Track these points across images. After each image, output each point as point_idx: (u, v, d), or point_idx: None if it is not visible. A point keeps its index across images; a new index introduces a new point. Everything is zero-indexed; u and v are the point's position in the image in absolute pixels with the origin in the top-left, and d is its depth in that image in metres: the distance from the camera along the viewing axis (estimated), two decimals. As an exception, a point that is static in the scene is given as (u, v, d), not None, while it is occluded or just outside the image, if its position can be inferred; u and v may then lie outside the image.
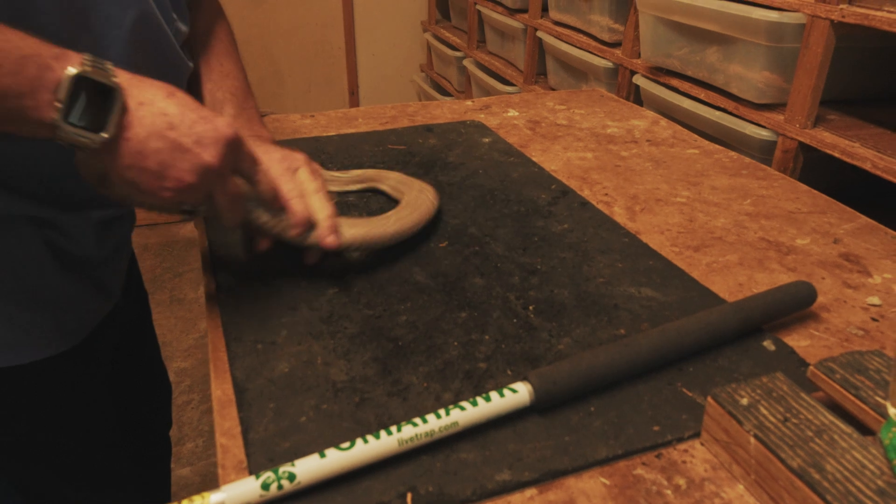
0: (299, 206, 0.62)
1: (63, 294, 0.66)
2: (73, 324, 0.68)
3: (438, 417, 0.46)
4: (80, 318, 0.69)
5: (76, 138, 0.47)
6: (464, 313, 0.61)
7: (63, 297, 0.66)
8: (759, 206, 0.83)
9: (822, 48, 0.88)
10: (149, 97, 0.50)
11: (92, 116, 0.48)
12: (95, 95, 0.48)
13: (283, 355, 0.56)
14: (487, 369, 0.55)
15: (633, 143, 1.03)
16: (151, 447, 0.94)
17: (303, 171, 0.65)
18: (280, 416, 0.50)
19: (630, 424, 0.49)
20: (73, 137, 0.47)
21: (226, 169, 0.54)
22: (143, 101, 0.50)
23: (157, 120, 0.50)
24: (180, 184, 0.51)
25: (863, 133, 0.91)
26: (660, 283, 0.66)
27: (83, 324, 0.69)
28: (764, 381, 0.47)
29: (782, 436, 0.43)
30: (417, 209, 0.73)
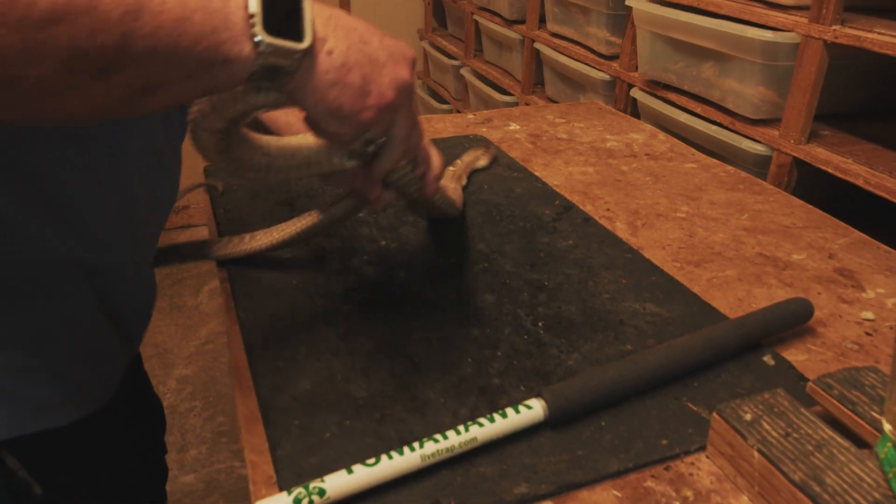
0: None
1: (106, 346, 0.63)
2: (110, 376, 0.65)
3: (458, 433, 0.49)
4: (115, 369, 0.66)
5: (280, 53, 0.43)
6: (476, 330, 0.64)
7: (104, 348, 0.63)
8: (756, 221, 0.86)
9: (815, 67, 0.91)
10: (335, 12, 0.48)
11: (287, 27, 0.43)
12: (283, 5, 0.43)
13: (305, 372, 0.58)
14: (501, 385, 0.57)
15: (633, 158, 1.06)
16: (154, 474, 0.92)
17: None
18: (305, 432, 0.52)
19: (639, 438, 0.52)
20: (277, 53, 0.43)
21: (413, 89, 0.52)
22: (332, 14, 0.47)
23: (350, 34, 0.47)
24: (382, 100, 0.48)
25: (855, 149, 0.94)
26: (663, 299, 0.69)
27: (116, 375, 0.66)
28: (766, 397, 0.50)
29: (784, 450, 0.45)
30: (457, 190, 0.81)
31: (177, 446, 1.67)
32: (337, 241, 0.79)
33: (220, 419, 1.76)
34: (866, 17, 0.91)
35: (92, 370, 0.61)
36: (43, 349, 0.57)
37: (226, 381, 1.89)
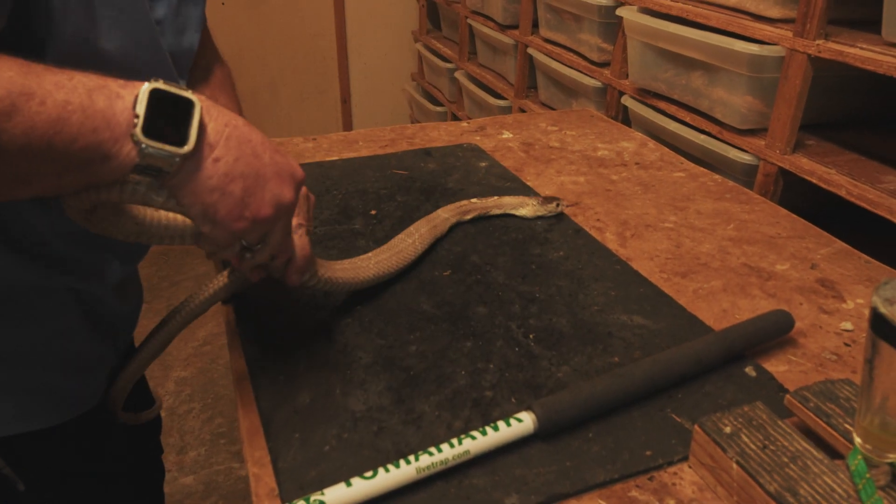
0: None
1: (92, 356, 0.67)
2: (96, 383, 0.69)
3: (452, 446, 0.51)
4: (102, 376, 0.69)
5: (159, 156, 0.44)
6: (469, 342, 0.66)
7: (92, 359, 0.67)
8: (742, 231, 0.88)
9: (800, 80, 0.93)
10: (231, 119, 0.49)
11: (172, 131, 0.45)
12: (172, 111, 0.45)
13: (304, 385, 0.60)
14: (493, 397, 0.59)
15: (623, 167, 1.08)
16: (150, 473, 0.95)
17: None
18: (305, 445, 0.54)
19: (625, 449, 0.54)
20: (155, 156, 0.44)
21: (293, 208, 0.53)
22: (228, 122, 0.48)
23: (243, 145, 0.49)
24: (258, 214, 0.50)
25: (839, 159, 0.96)
26: (650, 311, 0.71)
27: (101, 382, 0.70)
28: (745, 409, 0.52)
29: (761, 462, 0.48)
30: (398, 254, 0.75)
31: (176, 448, 1.69)
32: (334, 253, 0.82)
33: (219, 420, 1.78)
34: (849, 31, 0.94)
35: (75, 379, 0.65)
36: (26, 362, 0.61)
37: (224, 382, 1.91)
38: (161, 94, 0.44)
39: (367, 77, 2.83)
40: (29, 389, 0.62)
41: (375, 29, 2.76)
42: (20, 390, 0.61)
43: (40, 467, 0.66)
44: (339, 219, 0.90)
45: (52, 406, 0.64)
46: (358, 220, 0.90)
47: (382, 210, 0.92)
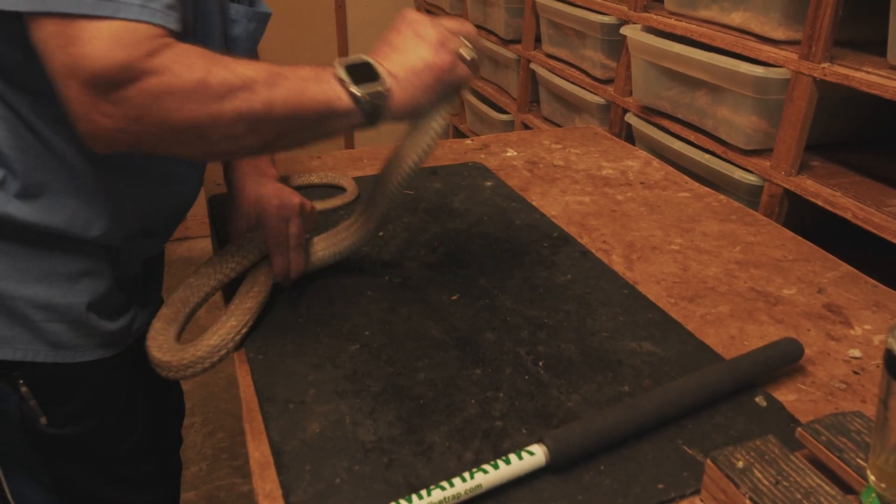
0: (280, 262, 0.76)
1: (117, 302, 0.75)
2: (123, 330, 0.77)
3: (464, 481, 0.51)
4: (129, 324, 0.78)
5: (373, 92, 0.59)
6: (478, 370, 0.66)
7: (117, 305, 0.76)
8: (748, 254, 0.88)
9: (805, 102, 0.94)
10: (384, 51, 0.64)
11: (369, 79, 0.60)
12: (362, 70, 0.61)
13: (314, 415, 0.60)
14: (503, 427, 0.59)
15: (628, 186, 1.08)
16: (169, 462, 1.00)
17: (292, 223, 0.76)
18: (317, 478, 0.54)
19: (637, 482, 0.54)
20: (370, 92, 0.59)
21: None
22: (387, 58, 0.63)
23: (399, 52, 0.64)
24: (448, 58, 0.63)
25: (844, 181, 0.96)
26: (659, 338, 0.71)
27: (131, 330, 0.78)
28: (758, 444, 0.52)
29: (774, 498, 0.48)
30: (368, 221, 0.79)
31: (177, 463, 1.68)
32: (343, 276, 0.82)
33: (220, 435, 1.77)
34: (855, 54, 0.94)
35: (108, 320, 0.74)
36: (66, 293, 0.69)
37: (225, 396, 1.90)
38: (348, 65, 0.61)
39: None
40: (60, 318, 0.70)
41: (376, 40, 2.76)
42: (52, 318, 0.69)
43: (60, 403, 0.74)
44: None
45: (81, 340, 0.72)
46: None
47: (389, 231, 0.92)
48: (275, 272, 0.76)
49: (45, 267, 0.69)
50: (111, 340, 0.75)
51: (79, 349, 0.73)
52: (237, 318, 0.70)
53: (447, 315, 0.75)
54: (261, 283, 0.74)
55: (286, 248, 0.76)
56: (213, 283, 0.76)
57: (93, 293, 0.72)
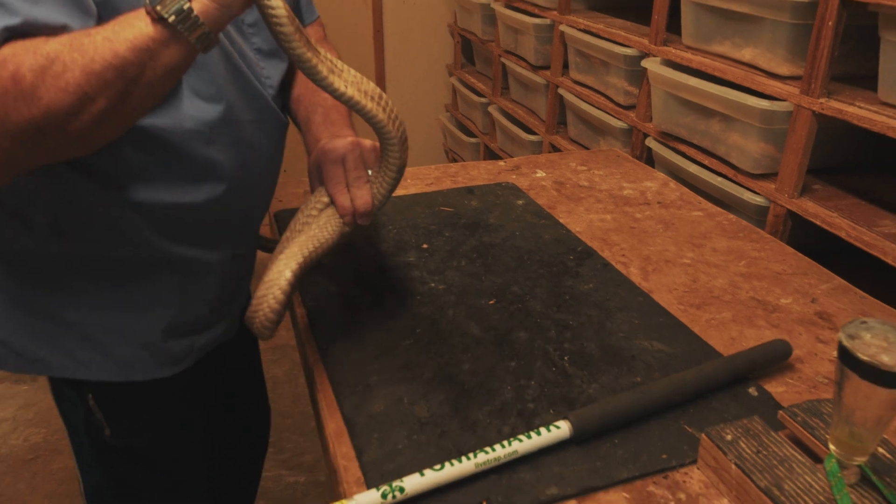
0: (340, 200, 0.76)
1: (189, 324, 0.82)
2: (186, 348, 0.83)
3: (503, 447, 0.63)
4: (192, 343, 0.84)
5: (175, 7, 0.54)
6: (513, 362, 0.78)
7: (189, 326, 0.82)
8: (752, 268, 1.00)
9: (805, 132, 1.05)
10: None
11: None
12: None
13: (378, 396, 0.73)
14: (535, 409, 0.71)
15: (646, 205, 1.20)
16: (237, 480, 1.08)
17: (347, 159, 0.77)
18: (383, 443, 0.66)
19: (644, 453, 0.65)
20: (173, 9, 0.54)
21: None
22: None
23: None
24: None
25: (841, 203, 1.07)
26: (668, 338, 0.83)
27: (193, 349, 0.85)
28: (745, 422, 0.64)
29: (755, 463, 0.59)
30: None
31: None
32: (393, 281, 0.94)
33: (266, 431, 1.91)
34: (850, 89, 1.05)
35: (174, 340, 0.80)
36: (139, 319, 0.77)
37: (272, 395, 2.04)
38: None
39: (403, 107, 2.99)
40: (129, 342, 0.77)
41: (411, 62, 2.91)
42: (121, 341, 0.76)
43: (126, 417, 0.81)
44: (395, 252, 1.03)
45: (148, 361, 0.79)
46: (411, 252, 1.03)
47: (433, 244, 1.05)
48: (339, 214, 0.76)
49: (116, 296, 0.76)
50: (174, 359, 0.82)
51: (147, 369, 0.79)
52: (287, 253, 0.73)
53: (485, 317, 0.87)
54: (319, 222, 0.76)
55: (343, 186, 0.76)
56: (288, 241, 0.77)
57: (166, 320, 0.78)
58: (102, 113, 0.56)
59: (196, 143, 0.74)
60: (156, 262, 0.78)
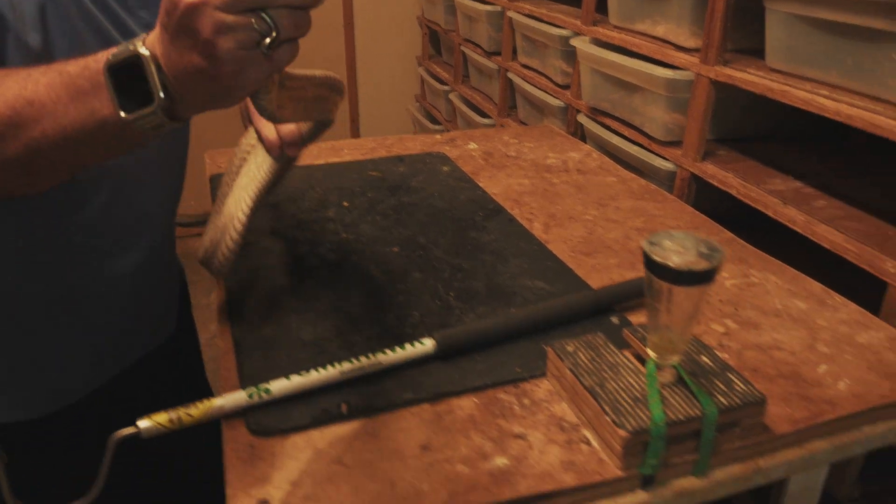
0: (265, 132, 0.75)
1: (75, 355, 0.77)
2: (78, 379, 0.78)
3: (368, 358, 0.69)
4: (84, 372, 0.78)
5: (145, 116, 0.50)
6: (402, 297, 0.85)
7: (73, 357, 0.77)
8: (649, 224, 1.06)
9: (704, 98, 1.11)
10: (154, 35, 0.50)
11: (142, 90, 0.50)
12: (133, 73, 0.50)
13: (269, 323, 0.79)
14: (412, 334, 0.78)
15: (565, 172, 1.26)
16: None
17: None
18: (264, 360, 0.73)
19: (501, 367, 0.72)
20: (142, 116, 0.50)
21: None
22: (153, 38, 0.50)
23: (162, 40, 0.49)
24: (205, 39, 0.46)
25: (739, 166, 1.14)
26: (551, 278, 0.89)
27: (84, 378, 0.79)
28: (588, 337, 0.70)
29: (587, 369, 0.65)
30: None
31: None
32: (308, 233, 1.01)
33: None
34: (747, 59, 1.11)
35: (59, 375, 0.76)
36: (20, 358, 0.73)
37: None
38: (117, 65, 0.50)
39: (375, 98, 3.06)
40: (20, 384, 0.73)
41: (382, 54, 2.98)
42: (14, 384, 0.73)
43: (25, 452, 0.75)
44: (316, 208, 1.09)
45: (38, 398, 0.75)
46: (332, 209, 1.09)
47: (353, 202, 1.12)
48: (266, 148, 0.76)
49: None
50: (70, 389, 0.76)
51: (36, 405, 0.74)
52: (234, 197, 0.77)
53: (386, 262, 0.93)
54: (256, 160, 0.78)
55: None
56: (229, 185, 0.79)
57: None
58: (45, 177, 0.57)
59: None
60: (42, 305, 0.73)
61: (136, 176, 0.76)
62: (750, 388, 0.62)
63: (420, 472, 0.59)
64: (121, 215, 0.76)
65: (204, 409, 0.63)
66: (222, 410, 0.64)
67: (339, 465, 0.60)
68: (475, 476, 0.59)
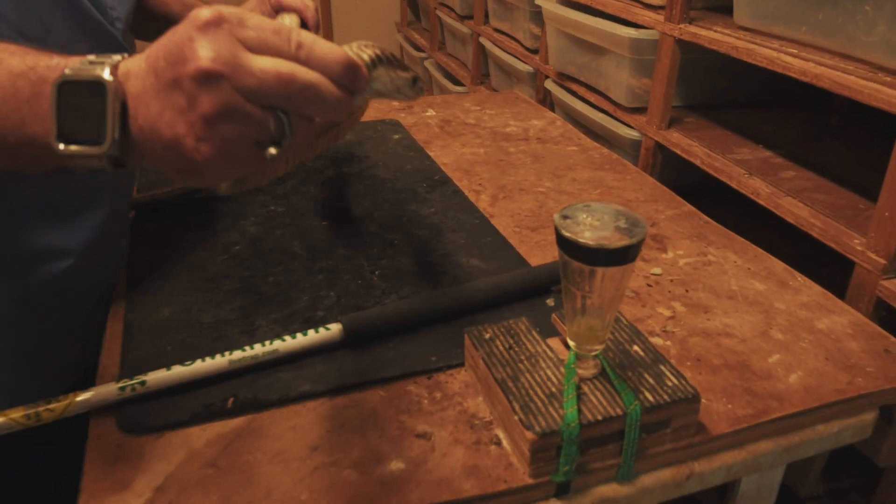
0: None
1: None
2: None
3: (263, 346, 0.62)
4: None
5: (77, 162, 0.41)
6: (321, 276, 0.77)
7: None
8: (605, 196, 0.98)
9: (669, 59, 1.03)
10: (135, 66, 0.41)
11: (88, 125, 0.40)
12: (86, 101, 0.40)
13: (168, 304, 0.72)
14: (324, 316, 0.70)
15: (524, 141, 1.18)
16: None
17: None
18: (153, 345, 0.65)
19: (415, 355, 0.64)
20: (77, 161, 0.41)
21: (233, 57, 0.38)
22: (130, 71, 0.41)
23: (144, 81, 0.40)
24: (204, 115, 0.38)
25: (706, 134, 1.05)
26: (488, 255, 0.81)
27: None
28: (510, 322, 0.63)
29: (501, 359, 0.58)
30: None
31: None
32: (234, 205, 0.93)
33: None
34: (714, 16, 1.03)
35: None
36: None
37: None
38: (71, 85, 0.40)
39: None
40: None
41: (360, 21, 2.87)
42: None
43: None
44: (248, 179, 1.01)
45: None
46: (265, 180, 1.01)
47: (289, 172, 1.03)
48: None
49: None
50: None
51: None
52: None
53: (311, 236, 0.86)
54: None
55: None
56: None
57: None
58: None
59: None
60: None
61: None
62: (682, 383, 0.55)
63: (302, 478, 0.52)
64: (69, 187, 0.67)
65: (66, 403, 0.56)
66: (88, 404, 0.57)
67: (212, 468, 0.53)
68: (363, 483, 0.52)
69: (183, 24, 0.39)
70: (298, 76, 0.39)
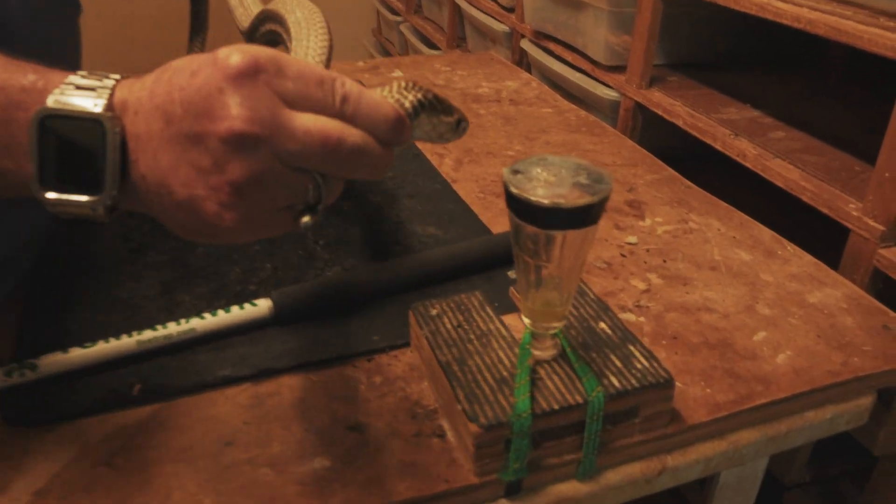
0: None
1: None
2: None
3: (178, 324, 0.54)
4: None
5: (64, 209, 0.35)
6: (258, 246, 0.69)
7: None
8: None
9: (650, 12, 0.94)
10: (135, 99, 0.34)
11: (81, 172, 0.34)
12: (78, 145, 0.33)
13: (80, 278, 0.64)
14: (256, 291, 0.62)
15: (496, 103, 1.09)
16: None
17: None
18: (55, 323, 0.57)
19: (355, 335, 0.57)
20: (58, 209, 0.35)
21: (273, 117, 0.32)
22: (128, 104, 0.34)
23: (150, 124, 0.33)
24: (233, 182, 0.32)
25: (690, 93, 0.97)
26: (447, 223, 0.74)
27: None
28: (462, 297, 0.55)
29: (447, 339, 0.50)
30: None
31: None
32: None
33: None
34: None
35: None
36: None
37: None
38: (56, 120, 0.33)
39: (330, 33, 2.83)
40: None
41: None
42: None
43: None
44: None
45: None
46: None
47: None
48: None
49: None
50: None
51: None
52: None
53: (254, 202, 0.77)
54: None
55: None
56: None
57: None
58: None
59: None
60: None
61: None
62: (653, 366, 0.47)
63: (210, 479, 0.45)
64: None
65: (-61, 392, 0.48)
66: (-34, 394, 0.49)
67: (106, 467, 0.46)
68: (279, 485, 0.44)
69: (207, 66, 0.33)
70: (346, 140, 0.34)
